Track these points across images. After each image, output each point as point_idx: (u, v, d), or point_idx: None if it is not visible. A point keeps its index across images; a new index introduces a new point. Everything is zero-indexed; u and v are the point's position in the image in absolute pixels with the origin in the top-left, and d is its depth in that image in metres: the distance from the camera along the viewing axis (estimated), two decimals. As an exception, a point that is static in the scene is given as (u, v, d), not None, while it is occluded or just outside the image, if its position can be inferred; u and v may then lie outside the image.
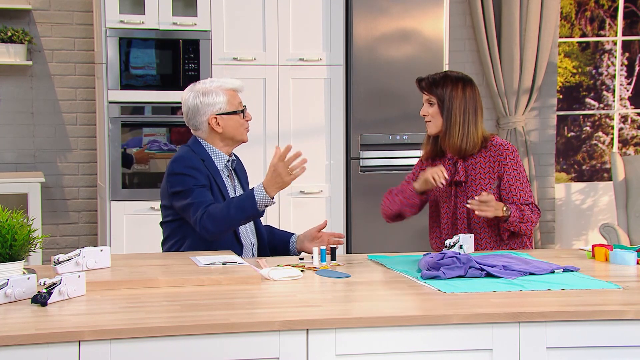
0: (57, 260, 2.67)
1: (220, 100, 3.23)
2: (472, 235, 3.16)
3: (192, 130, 3.31)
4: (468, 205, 3.19)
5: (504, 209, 3.23)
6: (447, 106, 3.37)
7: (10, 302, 2.35)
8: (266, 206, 3.07)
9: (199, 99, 3.23)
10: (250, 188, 3.14)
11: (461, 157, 3.39)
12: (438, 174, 3.26)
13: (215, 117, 3.23)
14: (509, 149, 3.38)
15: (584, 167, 7.15)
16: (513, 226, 3.26)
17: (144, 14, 5.05)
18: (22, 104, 5.50)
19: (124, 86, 5.05)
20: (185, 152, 3.26)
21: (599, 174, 7.14)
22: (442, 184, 3.25)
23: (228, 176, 3.32)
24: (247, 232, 3.29)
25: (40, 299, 2.32)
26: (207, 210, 3.07)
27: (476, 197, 3.19)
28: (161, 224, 3.35)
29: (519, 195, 3.33)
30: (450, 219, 3.41)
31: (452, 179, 3.38)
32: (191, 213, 3.11)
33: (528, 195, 3.35)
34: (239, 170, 3.40)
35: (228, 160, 3.30)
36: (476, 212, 3.18)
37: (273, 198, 3.06)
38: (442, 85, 3.39)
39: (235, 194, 3.31)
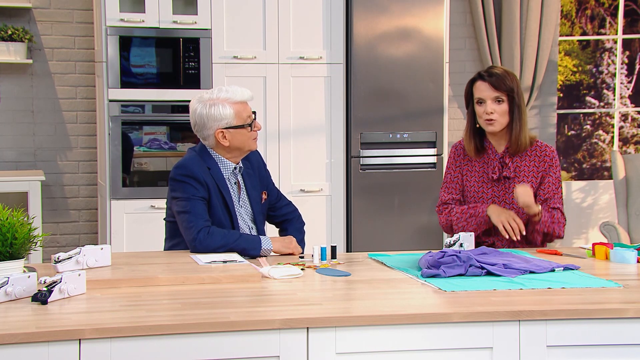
0: (58, 258, 2.67)
1: (227, 113, 3.15)
2: (472, 233, 3.16)
3: (200, 139, 3.28)
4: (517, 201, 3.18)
5: (539, 208, 3.25)
6: (518, 103, 3.33)
7: (10, 301, 2.35)
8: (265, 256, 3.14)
9: (206, 111, 3.16)
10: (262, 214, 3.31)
11: (515, 154, 3.38)
12: (515, 231, 3.23)
13: (222, 131, 3.17)
14: (554, 152, 3.41)
15: (584, 165, 7.15)
16: (546, 226, 3.28)
17: (144, 12, 5.05)
18: (22, 103, 5.50)
19: (124, 84, 5.04)
20: (190, 158, 3.22)
21: (599, 172, 7.14)
22: (517, 239, 3.25)
23: (235, 183, 3.29)
24: (249, 231, 3.29)
25: (41, 298, 2.32)
26: (210, 229, 3.07)
27: (517, 188, 3.19)
28: (165, 220, 3.36)
29: (554, 199, 3.36)
30: None
31: (501, 175, 3.38)
32: (185, 222, 3.10)
33: (559, 202, 3.37)
34: (246, 175, 3.33)
35: (235, 168, 3.27)
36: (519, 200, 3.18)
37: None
38: (510, 81, 3.33)
39: (240, 202, 3.29)
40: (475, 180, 3.43)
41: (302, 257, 3.10)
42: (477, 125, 3.40)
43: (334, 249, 3.04)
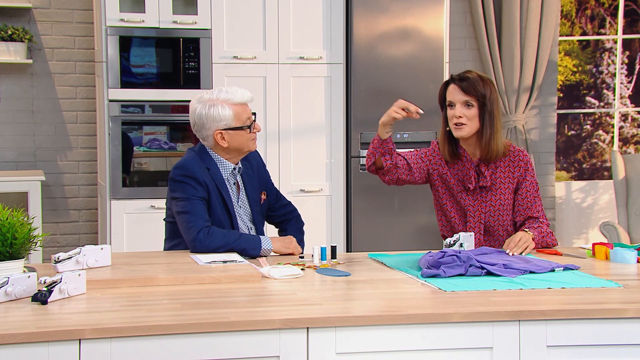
0: (58, 258, 2.67)
1: (226, 115, 3.15)
2: (473, 233, 3.16)
3: (199, 139, 3.29)
4: (509, 253, 3.07)
5: (530, 234, 3.19)
6: (489, 109, 3.27)
7: (10, 301, 2.35)
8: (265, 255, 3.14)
9: (205, 111, 3.16)
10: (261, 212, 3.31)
11: (489, 161, 3.33)
12: (402, 107, 3.21)
13: (221, 132, 3.16)
14: (527, 155, 3.37)
15: (584, 165, 7.15)
16: (540, 244, 3.24)
17: (144, 12, 5.05)
18: (22, 103, 5.50)
19: (124, 84, 5.05)
20: (190, 158, 3.21)
21: (599, 172, 7.14)
22: (420, 112, 3.22)
23: (234, 184, 3.29)
24: (248, 232, 3.29)
25: (41, 298, 2.32)
26: (210, 229, 3.07)
27: (508, 245, 3.11)
28: (165, 221, 3.35)
29: (534, 207, 3.33)
30: (475, 222, 3.37)
31: (478, 184, 3.34)
32: (185, 223, 3.10)
33: (540, 207, 3.34)
34: (245, 176, 3.33)
35: (234, 168, 3.27)
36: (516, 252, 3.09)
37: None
38: (482, 87, 3.27)
39: (239, 202, 3.29)
40: (451, 188, 3.38)
41: (302, 257, 3.10)
42: (448, 129, 3.34)
43: (334, 249, 3.04)
